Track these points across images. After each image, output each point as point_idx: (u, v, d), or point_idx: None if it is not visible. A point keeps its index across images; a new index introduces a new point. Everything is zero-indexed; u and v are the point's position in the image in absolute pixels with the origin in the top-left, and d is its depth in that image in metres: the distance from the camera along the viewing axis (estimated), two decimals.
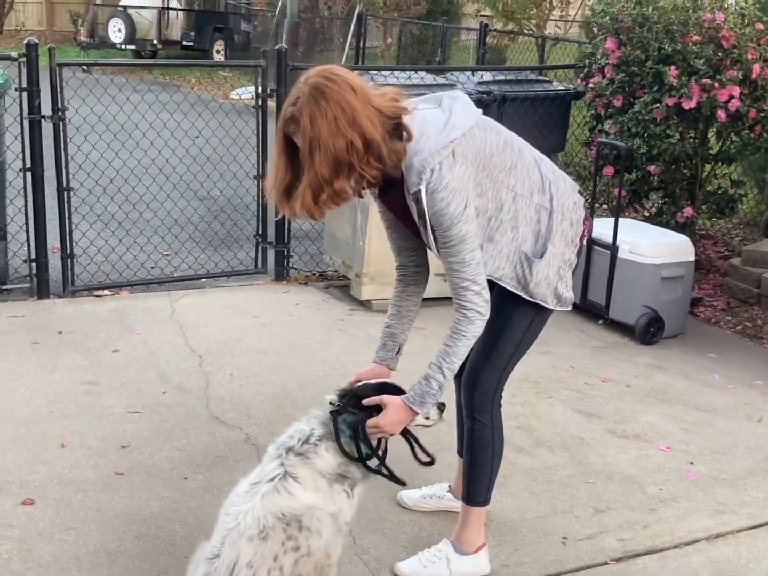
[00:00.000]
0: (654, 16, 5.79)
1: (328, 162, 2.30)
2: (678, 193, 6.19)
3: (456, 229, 2.44)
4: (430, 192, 2.39)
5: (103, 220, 6.22)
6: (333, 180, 2.32)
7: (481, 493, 2.98)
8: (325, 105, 2.28)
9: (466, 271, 2.48)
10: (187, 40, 19.04)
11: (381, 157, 2.35)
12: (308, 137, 2.29)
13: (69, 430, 3.76)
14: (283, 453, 2.44)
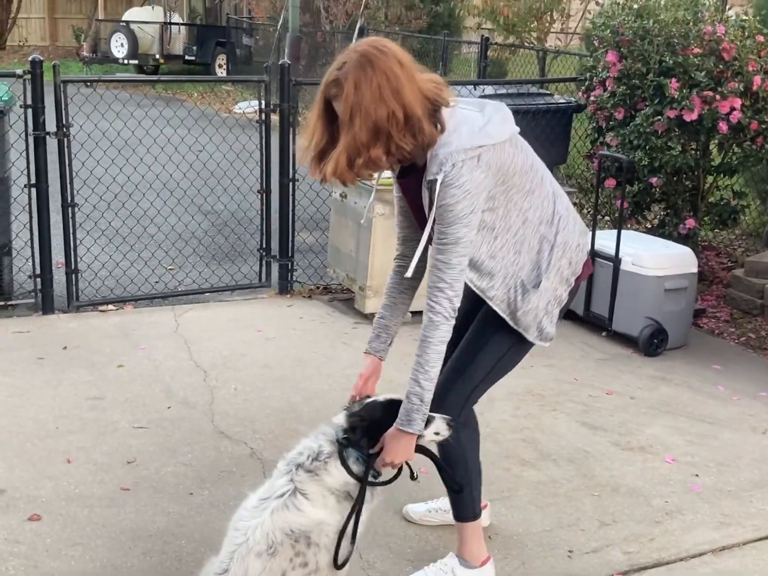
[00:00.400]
0: (655, 29, 5.82)
1: (367, 128, 2.32)
2: (680, 204, 6.20)
3: (454, 229, 2.45)
4: (444, 185, 2.40)
5: (108, 235, 6.24)
6: (370, 146, 2.35)
7: (468, 509, 2.97)
8: (371, 72, 2.32)
9: (448, 274, 2.48)
10: (190, 55, 19.13)
11: (417, 134, 2.38)
12: (351, 102, 2.32)
13: (75, 445, 3.77)
14: (293, 469, 2.44)
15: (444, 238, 2.46)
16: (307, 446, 2.51)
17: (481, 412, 4.25)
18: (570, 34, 12.23)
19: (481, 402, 4.40)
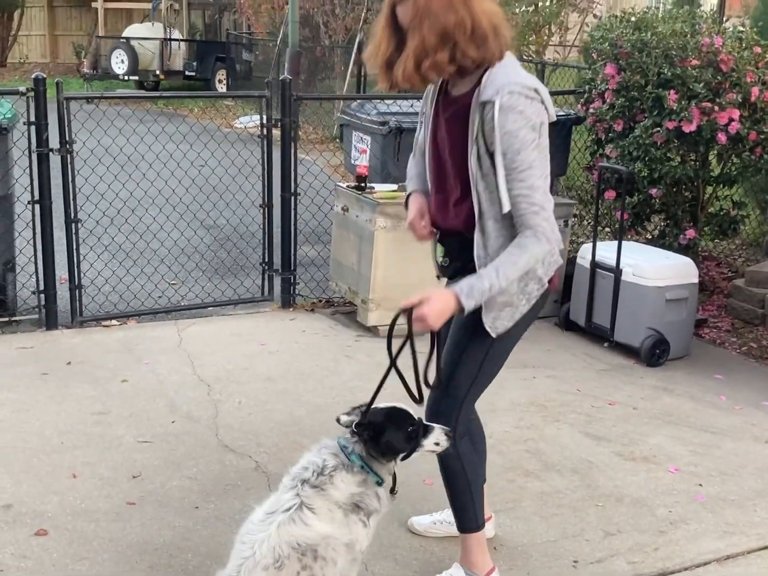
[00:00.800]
0: (653, 42, 5.86)
1: (436, 32, 2.40)
2: (680, 215, 6.23)
3: (525, 154, 2.42)
4: (503, 109, 2.40)
5: (111, 250, 6.27)
6: (437, 50, 2.42)
7: (470, 520, 2.99)
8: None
9: (536, 197, 2.46)
10: (190, 70, 19.22)
11: (480, 47, 2.44)
12: (420, 5, 2.40)
13: (80, 460, 3.78)
14: (298, 485, 2.46)
15: (518, 165, 2.44)
16: (311, 461, 2.52)
17: (484, 423, 4.27)
18: (568, 46, 12.30)
19: (484, 413, 4.42)
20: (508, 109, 2.40)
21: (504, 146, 2.43)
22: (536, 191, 2.46)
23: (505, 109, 2.40)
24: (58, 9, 24.25)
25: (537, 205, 2.46)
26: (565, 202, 6.22)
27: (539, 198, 2.46)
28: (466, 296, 2.48)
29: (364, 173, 5.66)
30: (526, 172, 2.45)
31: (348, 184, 5.96)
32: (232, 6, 20.36)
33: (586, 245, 5.68)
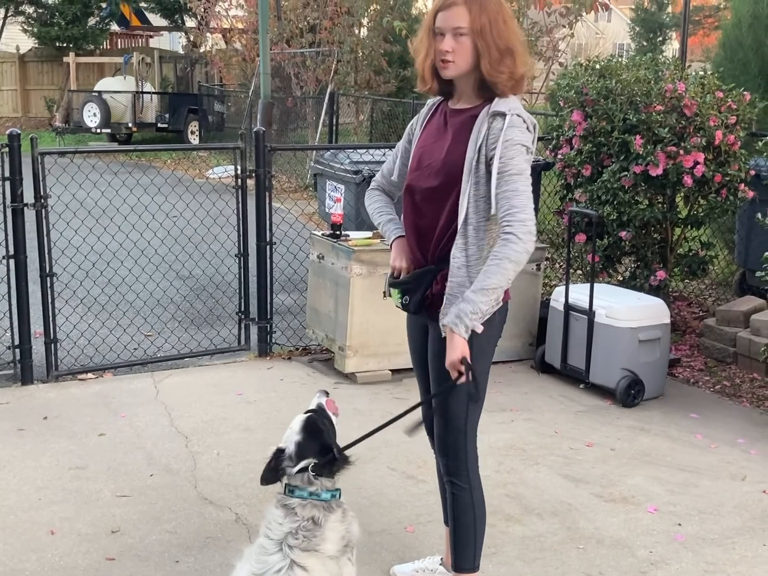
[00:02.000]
0: (618, 89, 6.00)
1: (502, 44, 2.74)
2: (650, 257, 6.33)
3: (517, 161, 2.68)
4: (511, 124, 2.70)
5: (86, 303, 6.26)
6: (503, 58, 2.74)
7: (469, 559, 3.01)
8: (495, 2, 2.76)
9: (518, 199, 2.66)
10: (162, 122, 19.37)
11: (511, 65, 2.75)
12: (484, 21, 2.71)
13: (58, 516, 3.75)
14: (285, 548, 2.39)
15: (509, 169, 2.67)
16: (293, 521, 2.44)
17: None
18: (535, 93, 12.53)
19: None
20: (515, 125, 2.70)
21: (502, 151, 2.68)
22: (520, 194, 2.67)
23: (513, 124, 2.70)
24: (29, 64, 24.38)
25: (516, 207, 2.65)
26: (537, 246, 6.27)
27: (521, 201, 2.66)
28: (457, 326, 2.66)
29: (338, 221, 5.72)
30: (514, 176, 2.68)
31: (323, 232, 6.02)
32: (204, 59, 20.60)
33: (559, 288, 5.75)
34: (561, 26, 10.80)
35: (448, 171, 2.79)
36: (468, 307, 2.64)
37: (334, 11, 15.44)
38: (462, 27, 2.70)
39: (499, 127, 2.69)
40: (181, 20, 26.22)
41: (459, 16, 2.70)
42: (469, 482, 2.95)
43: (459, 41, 2.71)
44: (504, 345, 5.89)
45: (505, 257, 2.63)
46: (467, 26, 2.70)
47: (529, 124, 2.74)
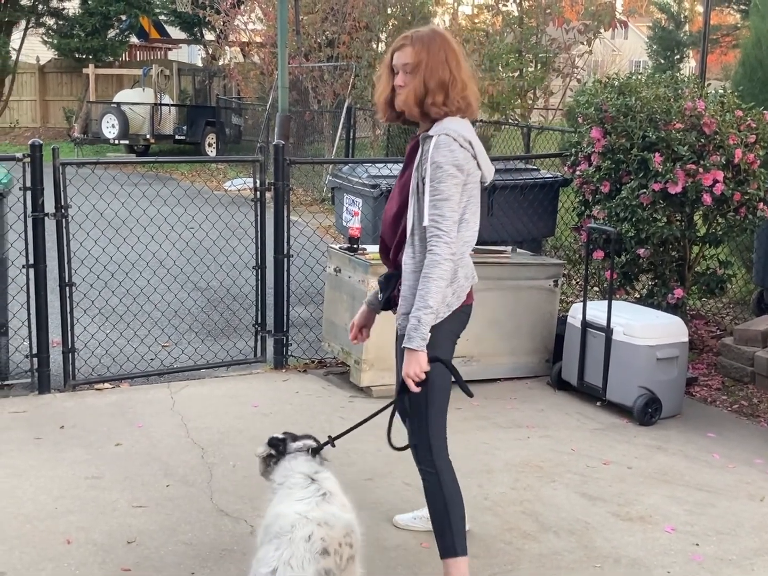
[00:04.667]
0: (637, 106, 6.00)
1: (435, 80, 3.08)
2: (668, 274, 6.31)
3: (445, 186, 2.99)
4: (437, 145, 3.00)
5: (104, 313, 6.29)
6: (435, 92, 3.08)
7: (448, 546, 3.22)
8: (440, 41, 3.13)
9: (444, 224, 2.99)
10: (180, 134, 19.46)
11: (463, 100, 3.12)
12: (422, 57, 3.08)
13: (74, 525, 3.75)
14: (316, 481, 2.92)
15: (438, 194, 3.00)
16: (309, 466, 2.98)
17: (480, 484, 4.29)
18: (553, 109, 12.55)
19: (479, 474, 4.44)
20: (442, 146, 3.00)
21: (431, 174, 3.01)
22: (446, 219, 3.00)
23: (439, 145, 3.01)
24: (49, 74, 24.60)
25: (442, 230, 3.00)
26: (554, 263, 6.30)
27: (446, 225, 3.00)
28: (409, 341, 3.02)
29: (356, 235, 5.73)
30: (441, 202, 2.99)
31: (340, 245, 6.03)
32: (222, 72, 20.72)
33: (576, 305, 5.73)
34: (579, 43, 10.82)
35: (403, 192, 3.19)
36: (414, 325, 3.00)
37: (353, 26, 15.52)
38: (407, 64, 3.11)
39: (427, 149, 3.02)
40: (200, 33, 26.39)
41: (406, 55, 3.11)
42: (435, 467, 3.23)
43: (407, 76, 3.11)
44: (520, 361, 5.91)
45: (438, 277, 3.00)
46: (410, 62, 3.10)
47: (462, 141, 3.02)
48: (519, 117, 10.85)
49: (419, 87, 3.09)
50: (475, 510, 4.02)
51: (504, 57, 10.55)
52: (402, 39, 3.18)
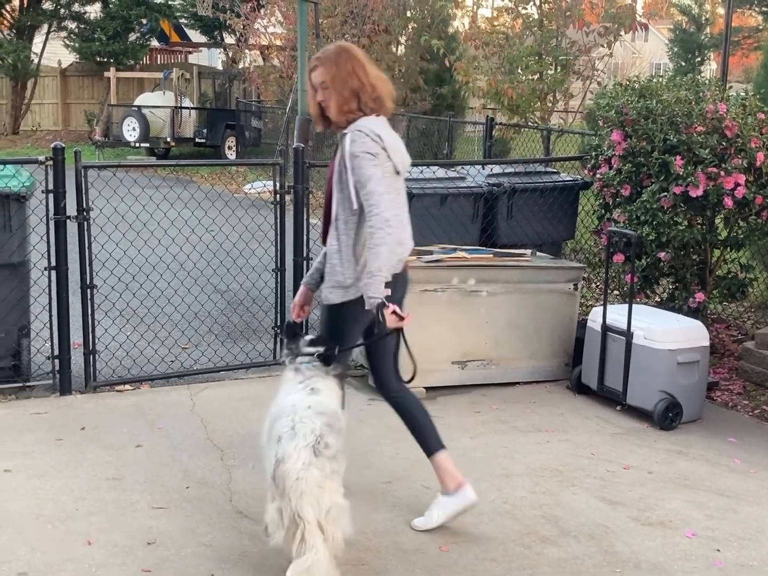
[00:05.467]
0: (658, 109, 5.98)
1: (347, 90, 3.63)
2: (689, 278, 6.28)
3: (365, 169, 3.53)
4: (352, 140, 3.56)
5: (125, 315, 6.32)
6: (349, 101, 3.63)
7: (432, 441, 3.89)
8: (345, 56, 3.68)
9: (374, 197, 3.50)
10: (200, 138, 19.56)
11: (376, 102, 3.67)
12: (333, 73, 3.63)
13: (95, 527, 3.77)
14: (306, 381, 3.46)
15: (361, 177, 3.53)
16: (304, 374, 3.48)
17: (499, 488, 4.29)
18: (573, 112, 12.51)
19: (499, 478, 4.44)
20: (355, 140, 3.56)
21: (351, 164, 3.56)
22: (374, 194, 3.51)
23: (354, 139, 3.56)
24: (70, 78, 24.81)
25: (373, 204, 3.50)
26: (574, 266, 6.28)
27: (376, 198, 3.50)
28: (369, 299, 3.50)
29: None
30: (367, 181, 3.52)
31: None
32: (242, 75, 20.81)
33: (597, 308, 5.71)
34: (599, 45, 10.78)
35: (328, 180, 3.74)
36: (370, 289, 3.49)
37: (372, 29, 15.55)
38: (323, 82, 3.67)
39: (345, 144, 3.58)
40: (220, 37, 26.55)
41: (320, 74, 3.68)
42: (402, 390, 3.92)
43: (325, 92, 3.67)
44: (540, 365, 5.90)
45: (376, 245, 3.49)
46: (325, 80, 3.66)
47: (372, 135, 3.57)
48: (539, 120, 10.81)
49: (338, 98, 3.64)
50: (494, 514, 4.02)
51: (524, 60, 10.52)
52: (314, 60, 3.73)
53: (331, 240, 3.67)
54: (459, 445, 4.77)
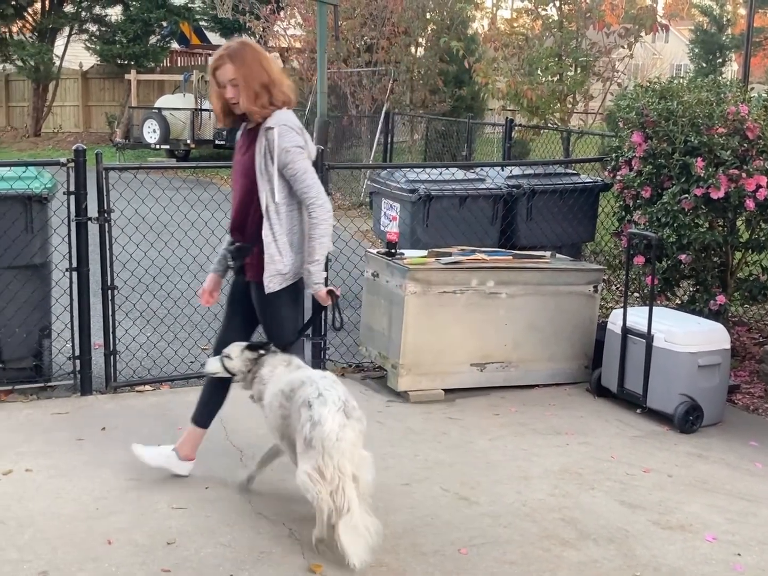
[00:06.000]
0: (679, 110, 5.94)
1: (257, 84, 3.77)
2: (710, 281, 6.23)
3: (298, 164, 3.75)
4: (281, 134, 3.73)
5: (145, 316, 6.35)
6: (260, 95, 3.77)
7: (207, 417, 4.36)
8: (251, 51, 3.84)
9: (312, 190, 3.77)
10: (219, 139, 19.60)
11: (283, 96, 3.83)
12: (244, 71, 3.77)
13: (115, 526, 3.80)
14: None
15: (296, 172, 3.76)
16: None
17: (518, 491, 4.28)
18: (593, 113, 12.45)
19: (517, 480, 4.43)
20: (284, 134, 3.73)
21: (281, 159, 3.74)
22: (310, 187, 3.78)
23: (282, 134, 3.73)
24: (91, 80, 24.96)
25: (313, 197, 3.77)
26: (594, 268, 6.26)
27: (315, 190, 3.78)
28: (313, 285, 3.90)
29: (394, 239, 5.74)
30: (303, 175, 3.77)
31: (378, 250, 6.04)
32: None
33: (617, 311, 5.69)
34: (619, 47, 10.73)
35: (249, 175, 3.83)
36: (312, 277, 3.86)
37: (391, 31, 15.54)
38: (233, 79, 3.78)
39: (272, 138, 3.72)
40: None
41: (228, 72, 3.79)
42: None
43: (235, 89, 3.77)
44: (559, 367, 5.88)
45: (321, 235, 3.78)
46: (235, 77, 3.77)
47: (296, 128, 3.79)
48: (558, 121, 10.78)
49: (250, 94, 3.75)
50: (513, 516, 4.01)
51: (543, 61, 10.49)
52: (219, 59, 3.82)
53: (265, 231, 3.82)
54: (477, 448, 4.77)
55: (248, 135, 3.94)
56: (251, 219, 3.91)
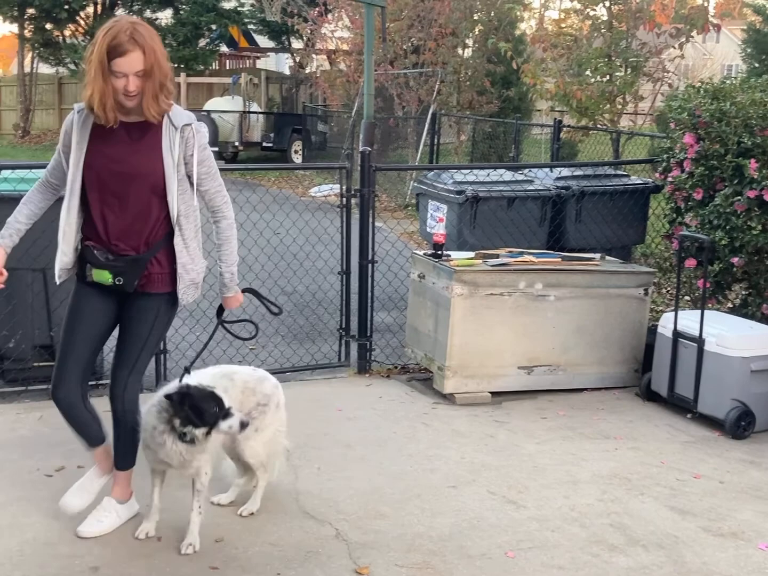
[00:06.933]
0: (732, 111, 5.85)
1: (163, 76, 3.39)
2: (762, 284, 6.11)
3: (213, 161, 3.58)
4: (199, 132, 3.51)
5: (195, 316, 6.41)
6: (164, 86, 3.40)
7: (131, 460, 3.91)
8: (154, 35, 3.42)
9: (224, 192, 3.64)
10: (267, 142, 19.81)
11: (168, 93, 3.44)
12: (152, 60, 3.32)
13: (165, 523, 3.83)
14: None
15: (212, 169, 3.57)
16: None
17: (566, 495, 4.25)
18: (643, 114, 12.31)
19: (565, 485, 4.40)
20: (201, 131, 3.54)
21: (200, 157, 3.50)
22: (223, 187, 3.64)
23: (199, 130, 3.52)
24: None
25: (226, 194, 3.65)
26: (644, 271, 6.18)
27: (225, 191, 3.65)
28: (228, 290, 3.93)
29: (441, 241, 5.73)
30: (216, 173, 3.60)
31: (424, 251, 6.04)
32: (309, 80, 20.99)
33: (667, 314, 5.61)
34: (670, 47, 10.59)
35: (149, 175, 3.44)
36: (234, 279, 3.89)
37: (439, 32, 15.53)
38: (141, 70, 3.29)
39: (191, 135, 3.47)
40: (287, 42, 26.82)
41: (136, 62, 3.28)
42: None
43: (139, 80, 3.30)
44: (608, 371, 5.82)
45: (233, 237, 3.74)
46: (144, 68, 3.29)
47: (205, 126, 3.69)
48: (608, 122, 10.67)
49: (155, 87, 3.34)
50: (561, 521, 3.98)
51: (593, 61, 10.40)
52: (128, 44, 3.27)
53: (177, 240, 3.52)
54: (524, 451, 4.74)
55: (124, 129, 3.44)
56: (152, 225, 3.50)
